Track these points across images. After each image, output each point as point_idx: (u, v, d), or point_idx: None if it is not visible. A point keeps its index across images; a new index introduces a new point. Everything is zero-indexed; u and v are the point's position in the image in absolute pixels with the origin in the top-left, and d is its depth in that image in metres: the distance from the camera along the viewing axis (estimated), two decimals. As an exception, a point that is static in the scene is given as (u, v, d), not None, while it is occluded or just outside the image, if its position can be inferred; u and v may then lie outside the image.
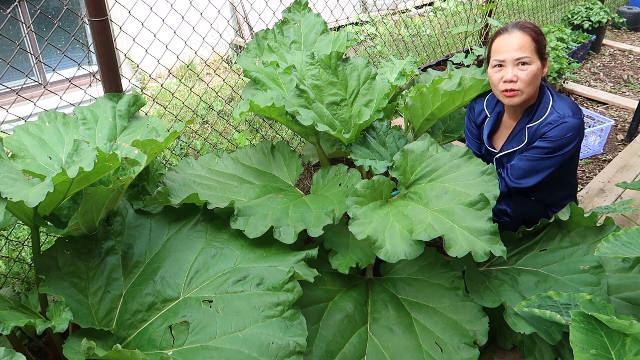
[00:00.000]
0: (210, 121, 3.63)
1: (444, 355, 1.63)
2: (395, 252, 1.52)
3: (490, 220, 1.56)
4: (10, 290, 2.01)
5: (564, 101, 1.85)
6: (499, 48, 1.82)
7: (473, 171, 1.73)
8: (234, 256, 1.62)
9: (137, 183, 1.82)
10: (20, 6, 3.93)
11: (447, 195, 1.68)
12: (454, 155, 1.80)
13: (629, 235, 1.52)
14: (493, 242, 1.52)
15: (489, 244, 1.52)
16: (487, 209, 1.58)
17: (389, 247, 1.54)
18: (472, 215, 1.58)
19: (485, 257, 1.49)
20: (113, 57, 1.91)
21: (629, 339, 1.27)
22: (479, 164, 1.75)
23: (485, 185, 1.68)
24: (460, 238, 1.52)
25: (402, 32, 5.43)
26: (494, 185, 1.67)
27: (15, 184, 1.30)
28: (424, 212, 1.64)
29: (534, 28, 1.82)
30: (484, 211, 1.57)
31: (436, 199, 1.68)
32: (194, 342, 1.41)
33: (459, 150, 1.80)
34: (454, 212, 1.60)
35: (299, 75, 2.04)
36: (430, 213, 1.63)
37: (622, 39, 5.45)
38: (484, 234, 1.53)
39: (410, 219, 1.62)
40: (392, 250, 1.53)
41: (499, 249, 1.52)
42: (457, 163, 1.78)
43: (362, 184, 1.73)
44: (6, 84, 2.74)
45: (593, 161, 3.22)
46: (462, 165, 1.77)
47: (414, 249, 1.53)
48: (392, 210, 1.69)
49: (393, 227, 1.60)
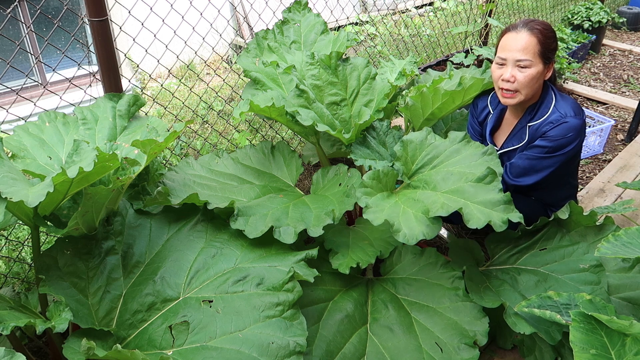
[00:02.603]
0: (210, 121, 3.63)
1: (444, 355, 1.63)
2: (414, 234, 1.53)
3: (501, 191, 1.57)
4: (10, 290, 2.01)
5: (566, 101, 1.85)
6: (504, 45, 1.82)
7: (474, 153, 1.75)
8: (234, 256, 1.62)
9: (137, 183, 1.82)
10: (20, 6, 3.93)
11: (453, 177, 1.69)
12: (453, 141, 1.81)
13: (629, 235, 1.52)
14: (508, 211, 1.54)
15: (504, 213, 1.54)
16: (496, 181, 1.60)
17: (406, 230, 1.54)
18: (482, 189, 1.60)
19: (504, 226, 1.51)
20: (113, 57, 1.91)
21: (629, 339, 1.27)
22: (478, 146, 1.76)
23: (488, 163, 1.69)
24: (475, 212, 1.54)
25: (402, 32, 5.43)
26: (497, 164, 1.68)
27: (15, 184, 1.30)
28: (434, 195, 1.66)
29: (542, 30, 1.77)
30: (494, 184, 1.59)
31: (443, 182, 1.70)
32: (194, 342, 1.41)
33: (457, 136, 1.82)
34: (465, 190, 1.62)
35: (299, 75, 2.04)
36: (441, 194, 1.65)
37: (622, 39, 5.45)
38: (498, 204, 1.55)
39: (422, 202, 1.64)
40: (410, 232, 1.54)
41: (516, 216, 1.53)
42: (456, 148, 1.79)
43: (368, 176, 1.74)
44: (6, 84, 2.73)
45: (593, 161, 3.22)
46: (462, 149, 1.78)
47: (431, 229, 1.54)
48: (400, 199, 1.70)
49: (406, 213, 1.61)
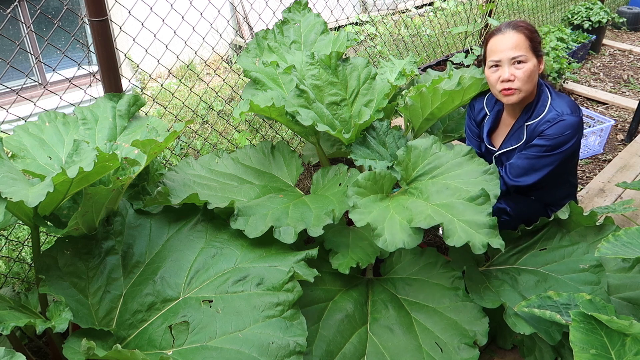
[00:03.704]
0: (210, 121, 3.63)
1: (444, 355, 1.63)
2: (394, 241, 1.53)
3: (489, 215, 1.56)
4: (10, 290, 2.01)
5: (562, 99, 1.85)
6: (494, 48, 1.83)
7: (475, 170, 1.74)
8: (234, 256, 1.62)
9: (137, 183, 1.82)
10: (20, 6, 3.93)
11: (447, 191, 1.68)
12: (457, 154, 1.81)
13: (629, 235, 1.52)
14: (491, 235, 1.53)
15: (487, 236, 1.52)
16: (487, 204, 1.58)
17: (387, 236, 1.54)
18: (471, 209, 1.58)
19: (483, 250, 1.49)
20: (113, 57, 1.91)
21: (629, 339, 1.27)
22: (481, 164, 1.75)
23: (486, 184, 1.68)
24: (459, 229, 1.53)
25: (402, 32, 5.43)
26: (495, 185, 1.68)
27: (15, 184, 1.30)
28: (424, 206, 1.65)
29: (527, 26, 1.83)
30: (484, 206, 1.58)
31: (437, 194, 1.69)
32: (194, 342, 1.41)
33: (462, 149, 1.81)
34: (454, 206, 1.61)
35: (299, 75, 2.04)
36: (430, 207, 1.64)
37: (622, 39, 5.45)
38: (483, 227, 1.54)
39: (410, 210, 1.63)
40: (391, 239, 1.53)
41: (497, 242, 1.52)
42: (459, 161, 1.79)
43: (363, 176, 1.74)
44: (6, 84, 2.73)
45: (593, 161, 3.22)
46: (465, 164, 1.78)
47: (412, 239, 1.53)
48: (392, 204, 1.70)
49: (393, 218, 1.61)
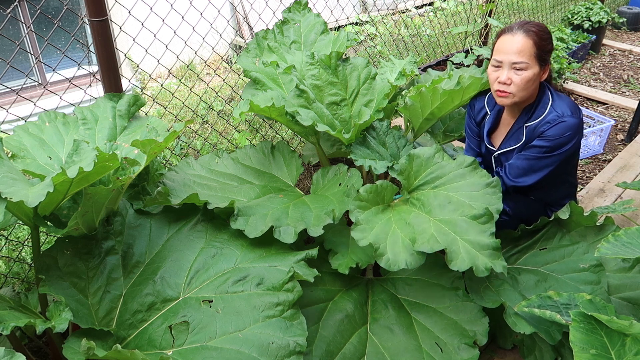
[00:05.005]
0: (210, 121, 3.63)
1: (444, 355, 1.63)
2: (397, 261, 1.53)
3: (492, 235, 1.56)
4: (10, 290, 2.01)
5: (563, 101, 1.85)
6: (500, 48, 1.82)
7: (478, 182, 1.72)
8: (234, 256, 1.62)
9: (137, 183, 1.82)
10: (20, 6, 3.93)
11: (450, 205, 1.67)
12: (460, 165, 1.79)
13: (629, 235, 1.52)
14: (495, 258, 1.54)
15: (490, 259, 1.53)
16: (491, 223, 1.58)
17: (390, 255, 1.54)
18: (475, 228, 1.58)
19: (486, 273, 1.51)
20: (113, 57, 1.91)
21: (629, 339, 1.27)
22: (484, 176, 1.74)
23: (489, 197, 1.67)
24: (462, 251, 1.53)
25: (402, 32, 5.43)
26: (497, 199, 1.67)
27: (15, 184, 1.30)
28: (426, 221, 1.64)
29: (538, 32, 1.77)
30: (487, 225, 1.58)
31: (439, 208, 1.68)
32: (193, 342, 1.41)
33: (465, 160, 1.79)
34: (457, 224, 1.60)
35: (299, 75, 2.04)
36: (433, 222, 1.63)
37: (622, 39, 5.45)
38: (486, 248, 1.54)
39: (413, 227, 1.62)
40: (394, 259, 1.53)
41: (500, 265, 1.53)
42: (462, 172, 1.77)
43: (365, 189, 1.73)
44: (6, 84, 2.74)
45: (593, 161, 3.22)
46: (467, 175, 1.76)
47: (415, 259, 1.53)
48: (394, 217, 1.68)
49: (395, 235, 1.60)
